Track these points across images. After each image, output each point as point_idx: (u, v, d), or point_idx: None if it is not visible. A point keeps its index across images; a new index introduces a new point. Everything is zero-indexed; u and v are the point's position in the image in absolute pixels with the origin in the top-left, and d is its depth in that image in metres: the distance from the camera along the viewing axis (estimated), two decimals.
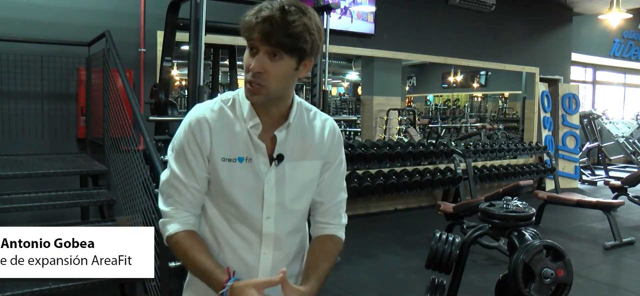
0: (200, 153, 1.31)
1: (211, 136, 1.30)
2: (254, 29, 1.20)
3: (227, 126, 1.31)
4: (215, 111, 1.32)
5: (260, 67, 1.22)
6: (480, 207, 2.87)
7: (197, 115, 1.32)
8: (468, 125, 12.84)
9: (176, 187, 1.32)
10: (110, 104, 3.91)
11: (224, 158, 1.30)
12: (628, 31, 11.72)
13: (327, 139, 1.40)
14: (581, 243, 5.62)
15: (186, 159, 1.31)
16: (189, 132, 1.31)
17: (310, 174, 1.39)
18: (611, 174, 10.29)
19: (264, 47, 1.21)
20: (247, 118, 1.31)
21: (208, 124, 1.30)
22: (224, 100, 1.35)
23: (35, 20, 4.78)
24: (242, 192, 1.32)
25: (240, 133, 1.31)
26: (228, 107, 1.33)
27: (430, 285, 2.85)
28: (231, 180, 1.31)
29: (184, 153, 1.31)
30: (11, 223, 3.72)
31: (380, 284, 4.31)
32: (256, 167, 1.32)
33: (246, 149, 1.31)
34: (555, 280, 2.45)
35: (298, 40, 1.21)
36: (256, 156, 1.31)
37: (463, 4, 7.80)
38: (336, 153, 1.44)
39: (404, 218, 6.79)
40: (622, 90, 14.05)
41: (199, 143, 1.30)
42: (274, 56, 1.22)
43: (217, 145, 1.30)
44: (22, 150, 4.57)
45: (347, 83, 17.23)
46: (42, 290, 3.01)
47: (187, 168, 1.31)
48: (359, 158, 6.40)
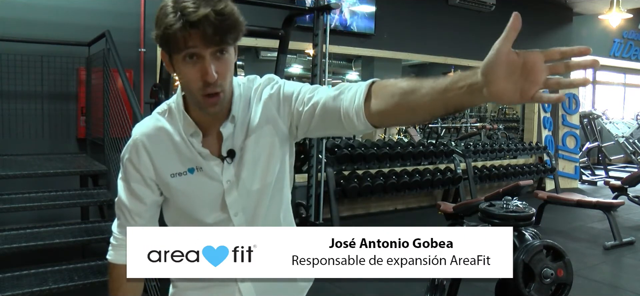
0: (142, 179, 1.23)
1: (150, 157, 1.22)
2: (189, 35, 1.06)
3: (167, 138, 1.22)
4: (150, 126, 1.24)
5: (216, 72, 1.10)
6: (480, 207, 2.87)
7: (131, 140, 1.24)
8: (468, 125, 12.83)
9: (123, 212, 1.27)
10: (110, 104, 3.91)
11: (172, 174, 1.22)
12: (628, 31, 11.72)
13: (270, 99, 1.22)
14: (581, 243, 5.62)
15: (131, 187, 1.24)
16: (128, 162, 1.24)
17: (269, 143, 1.23)
18: (611, 174, 10.28)
19: (208, 50, 1.08)
20: (184, 128, 1.21)
21: (143, 145, 1.22)
22: (160, 113, 1.26)
23: (35, 20, 4.78)
24: (204, 203, 1.23)
25: (182, 144, 1.21)
26: (165, 118, 1.24)
27: (430, 285, 2.85)
28: (188, 193, 1.23)
29: (127, 180, 1.25)
30: (11, 223, 3.75)
31: (381, 284, 4.31)
32: (210, 173, 1.22)
33: (193, 159, 1.22)
34: (555, 280, 2.45)
35: (237, 27, 1.10)
36: (206, 162, 1.22)
37: (463, 4, 7.81)
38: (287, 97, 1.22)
39: (404, 218, 6.79)
40: (622, 90, 14.05)
41: (139, 170, 1.23)
42: (221, 54, 1.11)
43: (160, 163, 1.22)
44: (22, 150, 4.57)
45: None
46: (42, 290, 3.02)
47: (132, 196, 1.25)
48: (359, 158, 6.40)
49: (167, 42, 1.09)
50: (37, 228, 3.58)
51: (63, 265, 3.36)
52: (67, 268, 3.33)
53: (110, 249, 1.31)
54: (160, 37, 1.09)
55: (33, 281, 3.10)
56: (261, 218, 1.27)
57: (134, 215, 1.26)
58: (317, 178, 4.97)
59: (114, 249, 1.30)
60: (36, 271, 3.22)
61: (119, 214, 1.28)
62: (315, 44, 4.87)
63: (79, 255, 3.90)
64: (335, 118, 1.12)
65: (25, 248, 3.26)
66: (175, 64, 1.12)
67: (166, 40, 1.09)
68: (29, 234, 3.46)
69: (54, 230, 3.59)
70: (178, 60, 1.11)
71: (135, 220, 1.27)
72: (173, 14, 1.06)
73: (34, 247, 3.29)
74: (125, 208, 1.26)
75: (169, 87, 4.39)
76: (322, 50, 4.85)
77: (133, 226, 1.25)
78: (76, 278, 3.20)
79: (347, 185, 6.11)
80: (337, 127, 1.14)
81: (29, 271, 3.23)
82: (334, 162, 6.17)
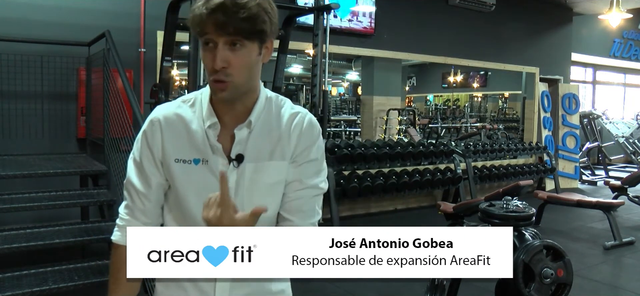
0: (152, 157, 1.23)
1: (162, 137, 1.22)
2: (206, 22, 1.10)
3: (183, 125, 1.22)
4: (171, 110, 1.24)
5: (223, 61, 1.12)
6: (480, 207, 2.87)
7: (151, 117, 1.24)
8: (468, 125, 12.84)
9: (130, 192, 1.26)
10: (110, 104, 3.91)
11: (177, 159, 1.21)
12: (628, 31, 11.72)
13: (294, 133, 1.23)
14: (581, 243, 5.62)
15: (142, 165, 1.23)
16: (143, 136, 1.24)
17: (275, 177, 1.23)
18: (611, 174, 10.29)
19: (221, 38, 1.11)
20: (205, 117, 1.21)
21: (159, 125, 1.22)
22: (185, 100, 1.26)
23: (35, 20, 4.78)
24: (198, 198, 1.17)
25: (197, 132, 1.21)
26: (188, 105, 1.24)
27: (430, 285, 2.85)
28: (186, 183, 1.21)
29: (139, 158, 1.24)
30: (11, 223, 3.75)
31: (380, 284, 4.31)
32: (214, 169, 1.19)
33: (203, 150, 1.20)
34: (555, 280, 2.45)
35: (256, 23, 1.11)
36: (213, 158, 1.20)
37: (463, 4, 7.81)
38: (304, 146, 1.24)
39: (404, 218, 6.79)
40: (622, 90, 14.05)
41: (151, 147, 1.22)
42: (234, 45, 1.12)
43: (169, 146, 1.21)
44: (22, 150, 4.57)
45: (347, 83, 17.23)
46: (42, 290, 3.02)
47: (141, 175, 1.24)
48: (359, 158, 6.40)
49: (193, 25, 1.14)
50: (37, 228, 3.57)
51: (63, 265, 3.36)
52: (67, 268, 3.33)
53: (115, 230, 1.28)
54: (190, 20, 1.15)
55: (33, 281, 3.10)
56: None
57: (141, 196, 1.25)
58: None
59: (121, 230, 1.27)
60: (36, 271, 3.21)
61: (127, 195, 1.27)
62: (315, 44, 4.87)
63: (79, 255, 3.89)
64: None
65: (25, 248, 3.25)
66: (201, 47, 1.18)
67: (193, 24, 1.14)
68: (29, 234, 3.45)
69: (54, 230, 3.58)
70: (201, 45, 1.16)
71: (143, 202, 1.25)
72: (203, 0, 1.12)
73: (34, 247, 3.28)
74: (133, 189, 1.25)
75: (169, 87, 4.39)
76: (322, 50, 4.85)
77: (140, 207, 1.25)
78: (76, 278, 3.20)
79: (347, 185, 6.11)
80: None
81: (29, 271, 3.23)
82: (334, 162, 6.17)
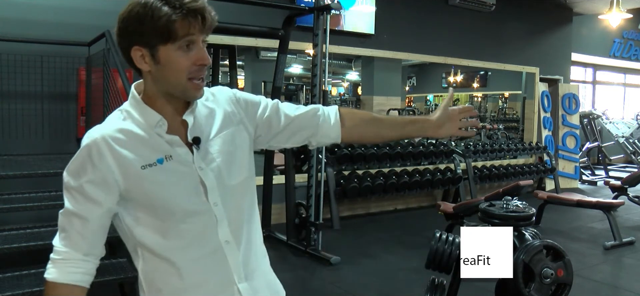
0: (101, 180, 1.16)
1: (113, 155, 1.16)
2: (191, 24, 1.13)
3: (131, 135, 1.19)
4: (110, 128, 1.19)
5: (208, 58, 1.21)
6: (480, 207, 2.87)
7: (88, 142, 1.17)
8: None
9: (70, 220, 1.18)
10: (110, 104, 3.91)
11: (143, 166, 1.17)
12: (628, 31, 11.72)
13: (229, 102, 1.30)
14: (581, 243, 5.62)
15: (83, 191, 1.16)
16: (86, 160, 1.16)
17: (235, 140, 1.28)
18: (611, 174, 10.29)
19: (201, 36, 1.17)
20: (149, 121, 1.20)
21: (105, 144, 1.16)
22: (114, 118, 1.23)
23: (35, 20, 4.78)
24: (181, 190, 1.20)
25: (147, 137, 1.19)
26: (122, 120, 1.21)
27: (430, 285, 2.85)
28: (163, 182, 1.19)
29: (79, 184, 1.16)
30: (11, 223, 3.75)
31: (380, 284, 4.31)
32: (181, 159, 1.21)
33: (161, 149, 1.20)
34: (555, 280, 2.45)
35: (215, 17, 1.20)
36: (174, 150, 1.20)
37: (463, 4, 7.80)
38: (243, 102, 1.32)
39: (404, 218, 6.79)
40: (622, 90, 14.05)
41: (101, 169, 1.16)
42: (203, 43, 1.19)
43: (128, 161, 1.17)
44: (22, 150, 4.57)
45: (347, 83, 17.23)
46: (42, 290, 3.01)
47: (84, 200, 1.17)
48: (359, 158, 6.40)
49: (166, 32, 1.12)
50: (37, 228, 3.57)
51: None
52: None
53: (50, 266, 1.21)
54: (155, 29, 1.11)
55: (33, 281, 3.10)
56: (239, 211, 1.28)
57: (80, 219, 1.17)
58: (317, 178, 4.97)
59: (56, 266, 1.20)
60: (36, 271, 3.21)
61: (65, 225, 1.19)
62: (315, 44, 4.87)
63: None
64: (310, 132, 1.38)
65: (25, 248, 3.25)
66: (163, 54, 1.14)
67: (165, 31, 1.11)
68: (29, 234, 3.45)
69: (54, 230, 3.55)
70: (170, 51, 1.14)
71: (85, 228, 1.18)
72: (168, 5, 1.11)
73: (34, 247, 3.28)
74: (75, 217, 1.17)
75: None
76: (322, 50, 4.85)
77: (78, 230, 1.18)
78: None
79: (347, 185, 6.11)
80: (305, 139, 1.40)
81: (29, 271, 3.23)
82: (334, 162, 6.17)
